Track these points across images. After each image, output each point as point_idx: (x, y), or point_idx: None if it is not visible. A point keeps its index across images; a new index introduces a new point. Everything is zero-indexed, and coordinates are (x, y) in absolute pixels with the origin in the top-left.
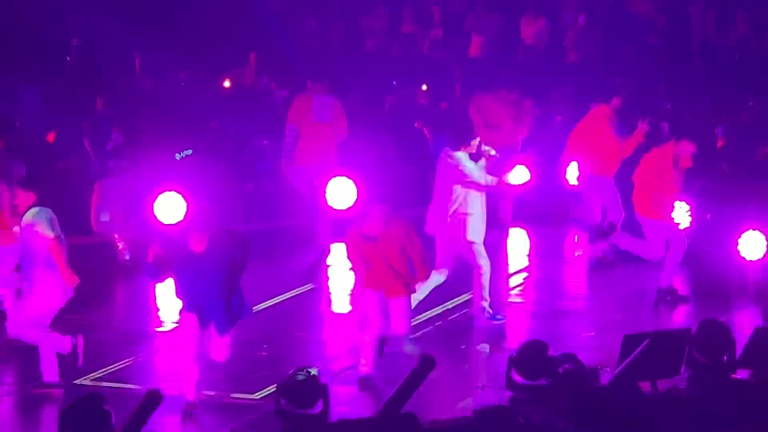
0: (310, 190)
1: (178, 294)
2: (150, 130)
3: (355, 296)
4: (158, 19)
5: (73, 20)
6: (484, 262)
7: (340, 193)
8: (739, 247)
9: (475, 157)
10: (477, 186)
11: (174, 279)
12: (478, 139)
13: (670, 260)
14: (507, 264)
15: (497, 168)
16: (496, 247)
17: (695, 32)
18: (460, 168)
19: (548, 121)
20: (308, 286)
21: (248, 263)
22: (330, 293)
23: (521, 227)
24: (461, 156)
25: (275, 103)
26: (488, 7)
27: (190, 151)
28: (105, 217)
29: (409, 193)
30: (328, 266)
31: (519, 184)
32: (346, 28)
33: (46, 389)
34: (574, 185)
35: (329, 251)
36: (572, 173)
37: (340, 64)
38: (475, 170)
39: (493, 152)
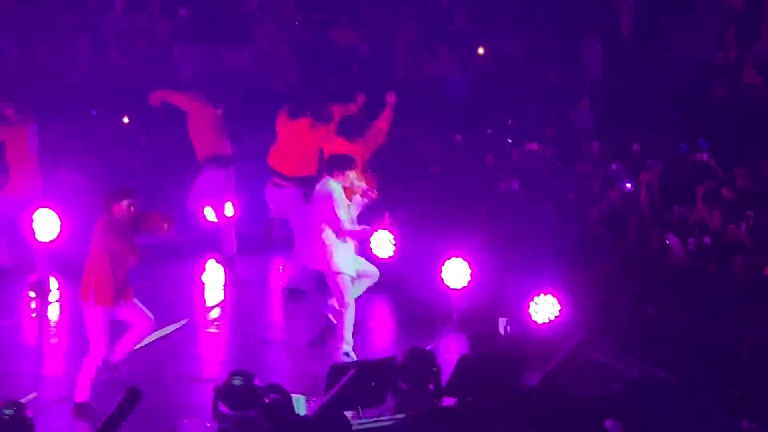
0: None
1: None
2: None
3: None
4: None
5: None
6: (349, 298)
7: (46, 224)
8: (443, 275)
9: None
10: (336, 226)
11: None
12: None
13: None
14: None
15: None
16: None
17: (400, 60)
18: (331, 199)
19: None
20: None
21: None
22: (42, 323)
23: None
24: (335, 187)
25: None
26: (193, 37)
27: None
28: None
29: None
30: (32, 299)
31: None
32: (51, 56)
33: None
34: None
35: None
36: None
37: (44, 94)
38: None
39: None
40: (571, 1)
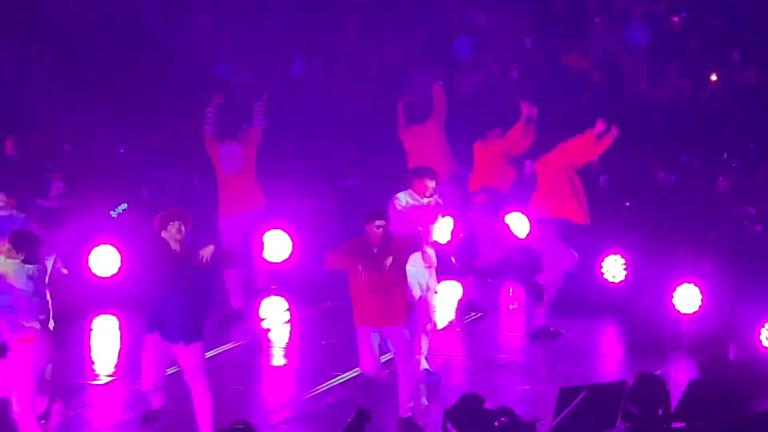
0: (238, 240)
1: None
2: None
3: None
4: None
5: None
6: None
7: (276, 245)
8: (674, 300)
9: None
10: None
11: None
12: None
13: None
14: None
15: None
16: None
17: (629, 86)
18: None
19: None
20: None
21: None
22: (268, 346)
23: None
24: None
25: None
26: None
27: (125, 206)
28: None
29: None
30: (263, 318)
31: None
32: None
33: None
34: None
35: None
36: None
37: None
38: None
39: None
40: None
